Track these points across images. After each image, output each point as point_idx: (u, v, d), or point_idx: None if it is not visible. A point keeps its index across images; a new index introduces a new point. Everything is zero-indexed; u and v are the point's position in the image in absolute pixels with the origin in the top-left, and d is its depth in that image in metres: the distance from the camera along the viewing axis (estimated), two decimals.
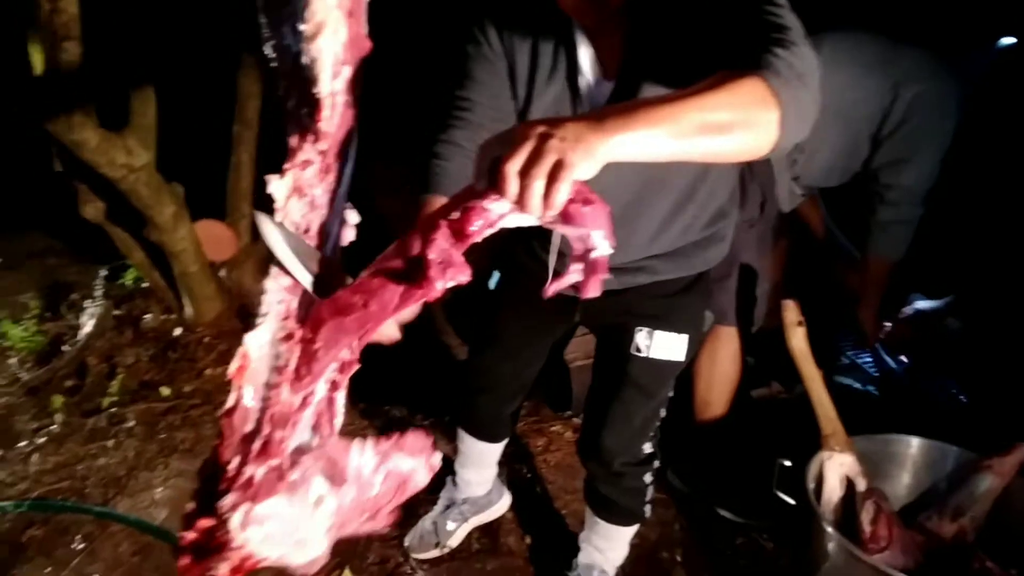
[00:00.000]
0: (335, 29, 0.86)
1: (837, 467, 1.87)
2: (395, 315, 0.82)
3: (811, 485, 1.86)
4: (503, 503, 2.33)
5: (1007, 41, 2.59)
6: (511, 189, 0.80)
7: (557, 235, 1.56)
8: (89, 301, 3.40)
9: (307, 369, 0.85)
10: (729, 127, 0.90)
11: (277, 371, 0.88)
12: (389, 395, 2.82)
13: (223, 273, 3.39)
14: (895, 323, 2.85)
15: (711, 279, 1.74)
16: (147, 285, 3.39)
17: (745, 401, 2.62)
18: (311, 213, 0.91)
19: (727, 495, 2.37)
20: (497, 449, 2.19)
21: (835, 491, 1.88)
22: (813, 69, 0.99)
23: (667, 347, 1.67)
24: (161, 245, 2.99)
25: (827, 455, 1.89)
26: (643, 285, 1.61)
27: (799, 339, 1.92)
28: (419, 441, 0.94)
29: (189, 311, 3.25)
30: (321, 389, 0.87)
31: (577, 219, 0.82)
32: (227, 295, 3.34)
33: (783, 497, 1.93)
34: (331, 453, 0.88)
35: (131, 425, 2.72)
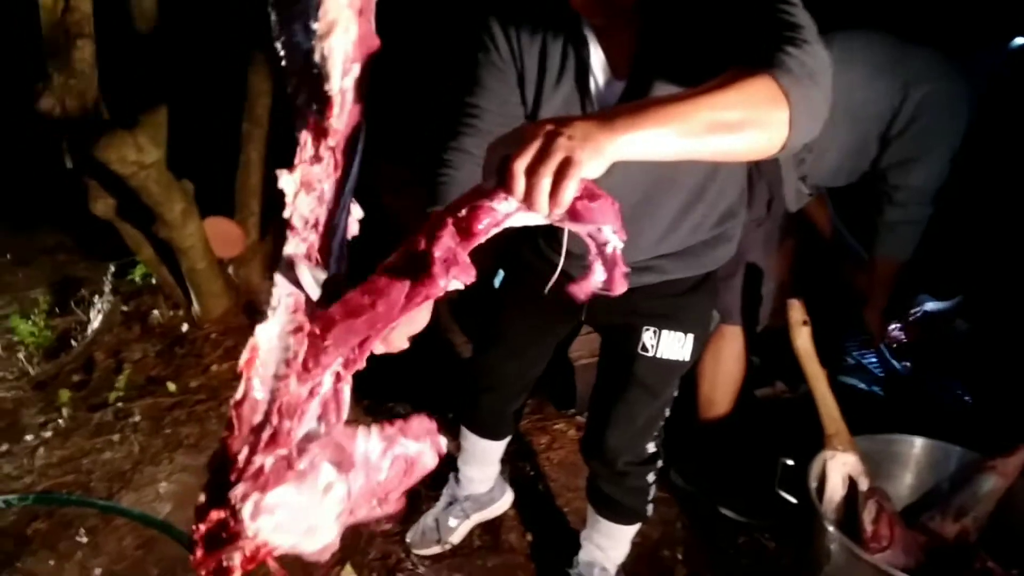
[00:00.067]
0: (346, 28, 0.86)
1: (840, 466, 1.87)
2: (403, 314, 0.82)
3: (813, 484, 1.86)
4: (505, 500, 2.33)
5: (1020, 41, 2.57)
6: (518, 187, 0.80)
7: (566, 234, 1.56)
8: (97, 297, 3.43)
9: (315, 362, 0.85)
10: (739, 126, 0.90)
11: (286, 363, 0.88)
12: (393, 392, 2.82)
13: (231, 270, 3.40)
14: (904, 325, 2.84)
15: (717, 278, 1.74)
16: (155, 281, 3.41)
17: (749, 400, 2.61)
18: (319, 207, 0.92)
19: (730, 494, 2.37)
20: (500, 447, 2.19)
21: (837, 490, 1.87)
22: (825, 68, 0.98)
23: (674, 347, 1.66)
24: (170, 242, 3.01)
25: (830, 454, 1.88)
26: (651, 284, 1.60)
27: (804, 338, 1.92)
28: (424, 424, 0.94)
29: (196, 308, 3.27)
30: (327, 381, 0.88)
31: (585, 216, 0.82)
32: (234, 292, 3.36)
33: (785, 496, 1.92)
34: (338, 440, 0.89)
35: (137, 420, 2.74)
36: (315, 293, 0.89)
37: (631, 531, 1.97)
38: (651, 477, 1.86)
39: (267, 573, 1.92)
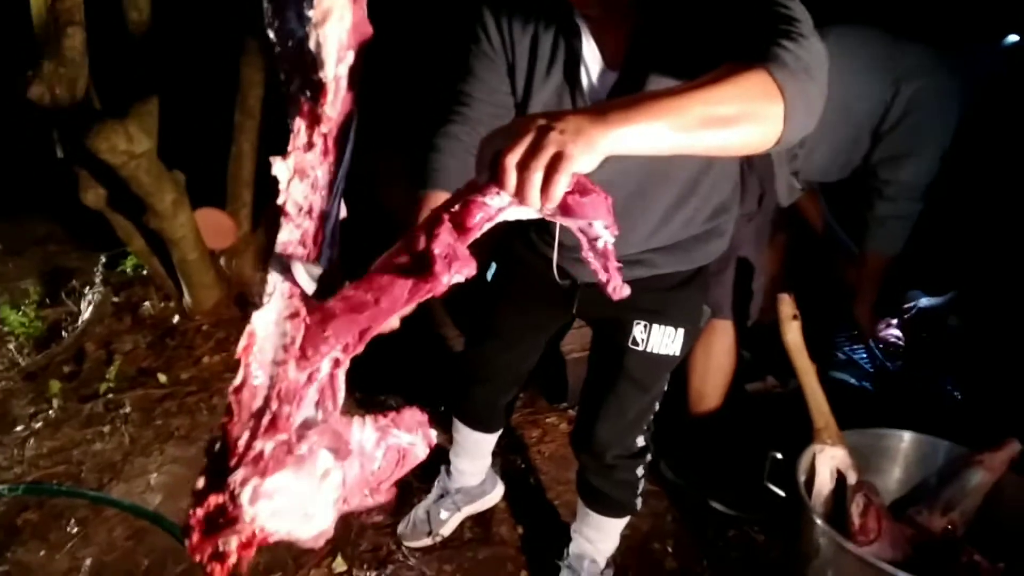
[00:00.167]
0: (341, 15, 0.87)
1: (828, 460, 1.87)
2: (404, 309, 0.83)
3: (802, 478, 1.87)
4: (496, 493, 2.33)
5: (1012, 39, 2.58)
6: (510, 182, 0.80)
7: (558, 227, 1.57)
8: (88, 288, 3.42)
9: (314, 350, 0.86)
10: (734, 120, 0.89)
11: (284, 348, 0.89)
12: (385, 385, 2.83)
13: (222, 261, 3.40)
14: (900, 323, 2.85)
15: (708, 272, 1.75)
16: (146, 273, 3.40)
17: (740, 395, 2.62)
18: (313, 194, 0.92)
19: (720, 487, 2.38)
20: (492, 439, 2.19)
21: (826, 484, 1.88)
22: (821, 62, 0.98)
23: (663, 341, 1.67)
24: (160, 232, 3.00)
25: (819, 448, 1.89)
26: (641, 278, 1.59)
27: (794, 333, 1.92)
28: (416, 417, 0.95)
29: (188, 299, 3.26)
30: (325, 366, 0.88)
31: (576, 211, 0.82)
32: (226, 283, 3.35)
33: (774, 489, 1.93)
34: (335, 427, 0.90)
35: (127, 411, 2.73)
36: (310, 288, 0.89)
37: (620, 524, 1.97)
38: (640, 470, 1.87)
39: (258, 563, 1.91)
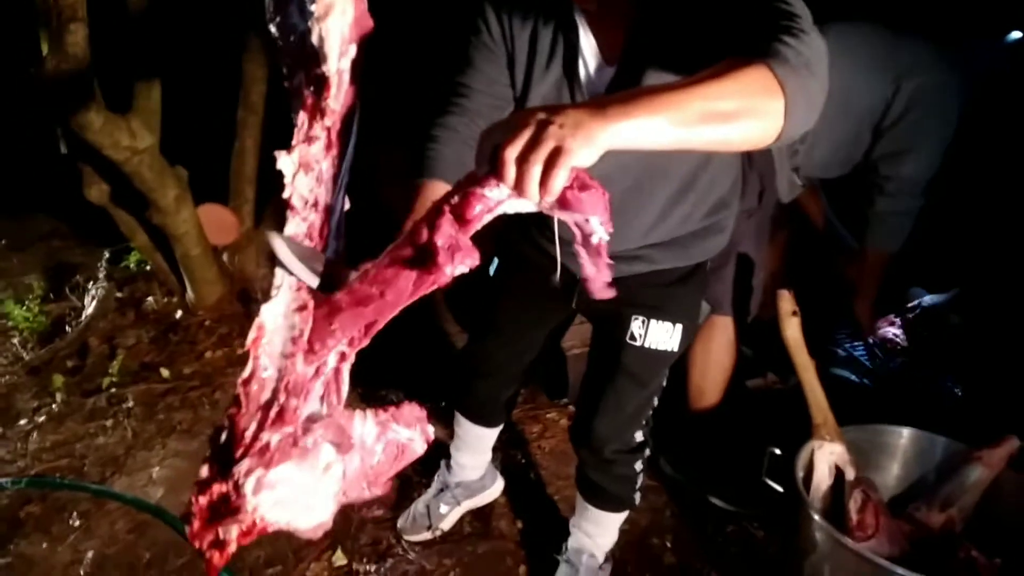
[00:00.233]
0: (343, 9, 0.89)
1: (827, 456, 1.88)
2: (410, 301, 0.84)
3: (800, 473, 1.87)
4: (496, 488, 2.34)
5: (1016, 35, 2.58)
6: (509, 175, 0.81)
7: (557, 222, 1.57)
8: (92, 283, 3.43)
9: (321, 344, 0.87)
10: (733, 116, 0.89)
11: (292, 341, 0.90)
12: (387, 380, 2.84)
13: (225, 257, 3.41)
14: (902, 321, 2.85)
15: (707, 268, 1.75)
16: (150, 268, 3.42)
17: (740, 391, 2.62)
18: (318, 187, 0.94)
19: (719, 483, 2.38)
20: (493, 434, 2.20)
21: (824, 480, 1.88)
22: (822, 58, 0.98)
23: (661, 336, 1.67)
24: (163, 228, 3.02)
25: (817, 444, 1.89)
26: (640, 274, 1.60)
27: (793, 329, 1.93)
28: (415, 412, 0.96)
29: (191, 294, 3.27)
30: (331, 360, 0.90)
31: (574, 205, 0.83)
32: (229, 279, 3.37)
33: (772, 485, 1.93)
34: (339, 422, 0.91)
35: (130, 405, 2.75)
36: (313, 282, 0.90)
37: (619, 518, 1.98)
38: (639, 465, 1.87)
39: (259, 556, 1.91)
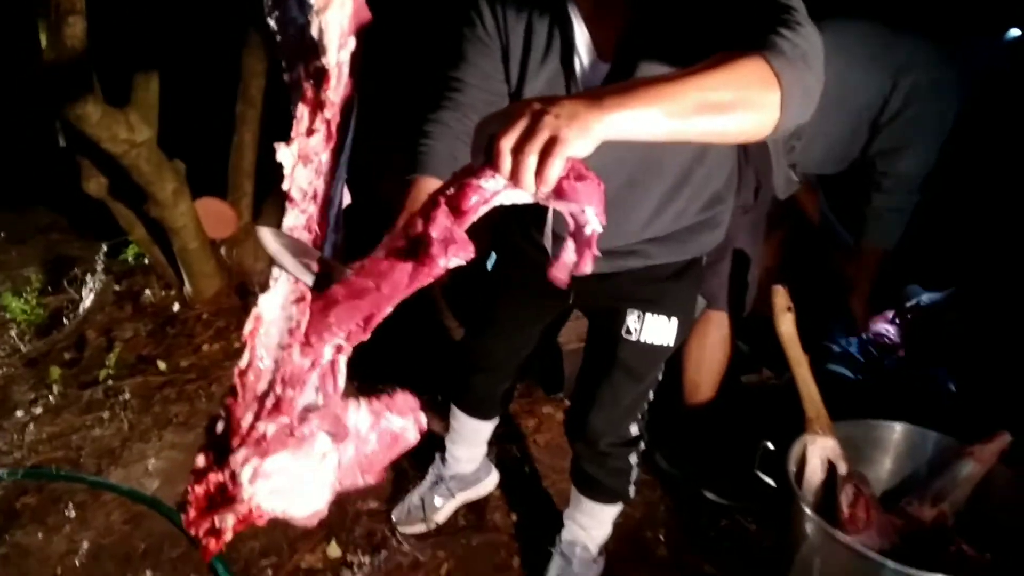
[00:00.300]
0: (342, 3, 0.90)
1: (819, 450, 1.88)
2: (406, 295, 0.83)
3: (792, 467, 1.87)
4: (491, 481, 2.35)
5: (1015, 33, 2.58)
6: (505, 165, 0.81)
7: (551, 216, 1.58)
8: (90, 276, 3.44)
9: (317, 337, 0.87)
10: (729, 107, 0.89)
11: (289, 332, 0.91)
12: (385, 374, 2.83)
13: (223, 251, 3.42)
14: (900, 321, 2.85)
15: (703, 263, 1.75)
16: (148, 261, 3.43)
17: (735, 386, 2.63)
18: (317, 179, 0.94)
19: (713, 477, 2.38)
20: (489, 427, 2.21)
21: (817, 474, 1.88)
22: (817, 50, 0.98)
23: (657, 331, 1.67)
24: (161, 221, 3.02)
25: (810, 438, 1.89)
26: (636, 269, 1.61)
27: (788, 324, 1.93)
28: (408, 401, 0.97)
29: (188, 288, 3.28)
30: (327, 353, 0.90)
31: (570, 195, 0.83)
32: (226, 273, 3.37)
33: (764, 478, 1.94)
34: (335, 412, 0.92)
35: (127, 398, 2.76)
36: (308, 280, 0.91)
37: (613, 511, 1.98)
38: (633, 458, 1.88)
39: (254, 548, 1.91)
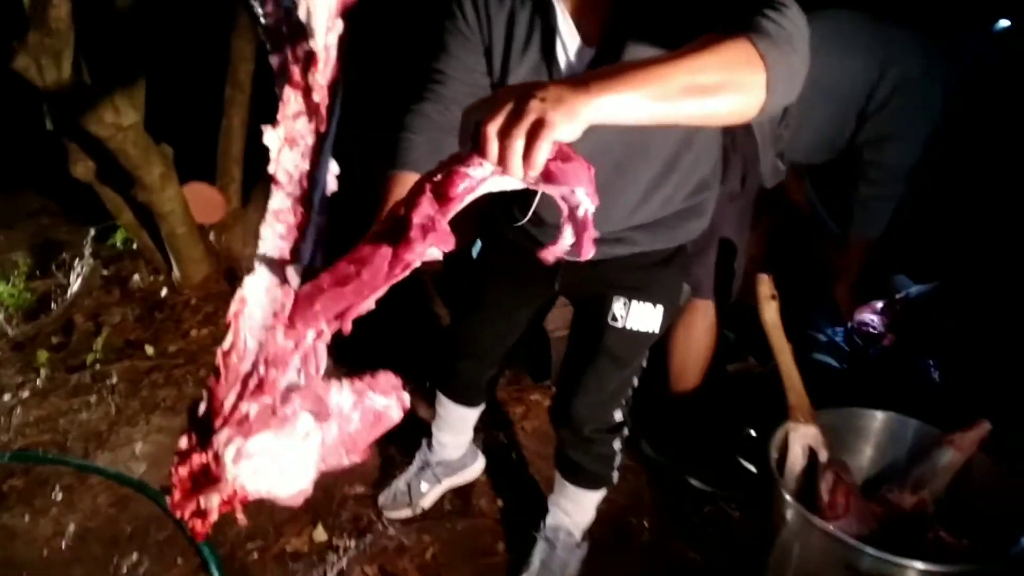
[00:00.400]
0: None
1: (801, 438, 1.90)
2: (388, 282, 0.83)
3: (774, 455, 1.89)
4: (477, 466, 2.36)
5: (1003, 24, 2.58)
6: (492, 150, 0.81)
7: (537, 202, 1.58)
8: (78, 260, 3.43)
9: (303, 323, 0.88)
10: (715, 89, 0.89)
11: (273, 314, 0.91)
12: (372, 361, 2.82)
13: (211, 236, 3.41)
14: (889, 312, 2.86)
15: (689, 251, 1.76)
16: (136, 246, 3.41)
17: (720, 374, 2.64)
18: (303, 162, 0.94)
19: (698, 464, 2.40)
20: (475, 414, 2.22)
21: (798, 461, 1.90)
22: (803, 32, 0.99)
23: (643, 318, 1.68)
24: (149, 206, 3.01)
25: (792, 426, 1.91)
26: (622, 256, 1.61)
27: (772, 312, 1.94)
28: (390, 380, 0.98)
29: (177, 273, 3.28)
30: (309, 335, 0.91)
31: (558, 177, 0.82)
32: (215, 258, 3.37)
33: (746, 464, 1.95)
34: (317, 391, 0.93)
35: (114, 382, 2.75)
36: (295, 283, 0.92)
37: (596, 497, 2.00)
38: (617, 444, 1.89)
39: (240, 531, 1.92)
